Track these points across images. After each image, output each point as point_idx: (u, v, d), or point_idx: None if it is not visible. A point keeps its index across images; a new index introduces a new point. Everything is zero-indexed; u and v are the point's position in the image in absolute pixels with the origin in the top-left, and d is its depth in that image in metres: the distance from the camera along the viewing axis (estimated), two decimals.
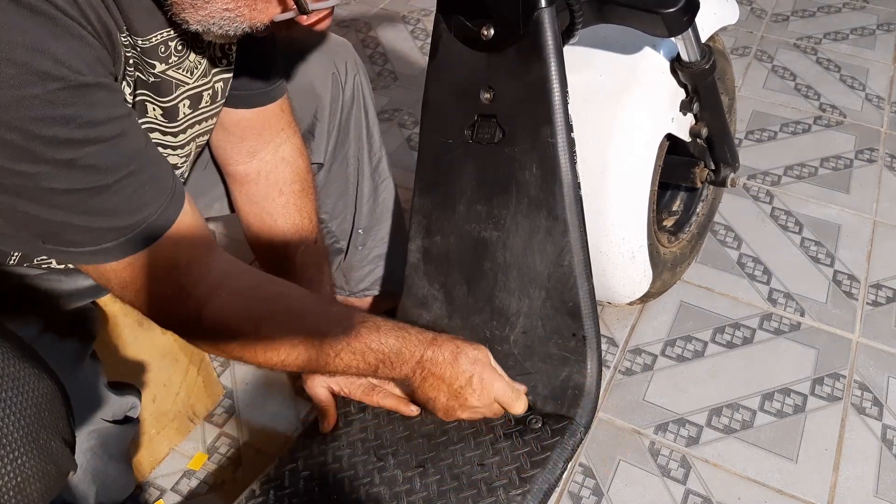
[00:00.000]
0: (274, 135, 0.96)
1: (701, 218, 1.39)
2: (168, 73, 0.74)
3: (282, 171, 0.97)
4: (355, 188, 1.13)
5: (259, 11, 0.66)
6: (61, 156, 0.60)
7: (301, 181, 0.99)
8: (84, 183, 0.63)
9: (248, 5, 0.65)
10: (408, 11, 2.25)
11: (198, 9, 0.65)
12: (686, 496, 1.10)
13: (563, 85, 0.88)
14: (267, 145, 0.96)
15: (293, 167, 0.98)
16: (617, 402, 1.22)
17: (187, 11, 0.66)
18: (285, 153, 0.98)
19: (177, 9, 0.66)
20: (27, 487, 0.54)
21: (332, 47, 1.05)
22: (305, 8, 0.64)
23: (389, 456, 0.93)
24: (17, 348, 0.57)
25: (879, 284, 1.42)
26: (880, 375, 1.26)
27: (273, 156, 0.97)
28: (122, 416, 0.93)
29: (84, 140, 0.61)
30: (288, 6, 0.66)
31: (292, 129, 0.98)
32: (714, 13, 1.16)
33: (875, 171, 1.67)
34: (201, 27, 0.67)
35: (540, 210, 0.92)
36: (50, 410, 0.57)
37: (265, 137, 0.95)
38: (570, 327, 0.95)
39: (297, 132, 0.99)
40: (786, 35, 2.12)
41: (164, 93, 0.75)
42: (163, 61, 0.73)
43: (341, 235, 1.17)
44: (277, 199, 0.98)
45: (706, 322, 1.35)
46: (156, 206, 0.68)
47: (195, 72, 0.77)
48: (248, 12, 0.66)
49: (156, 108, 0.75)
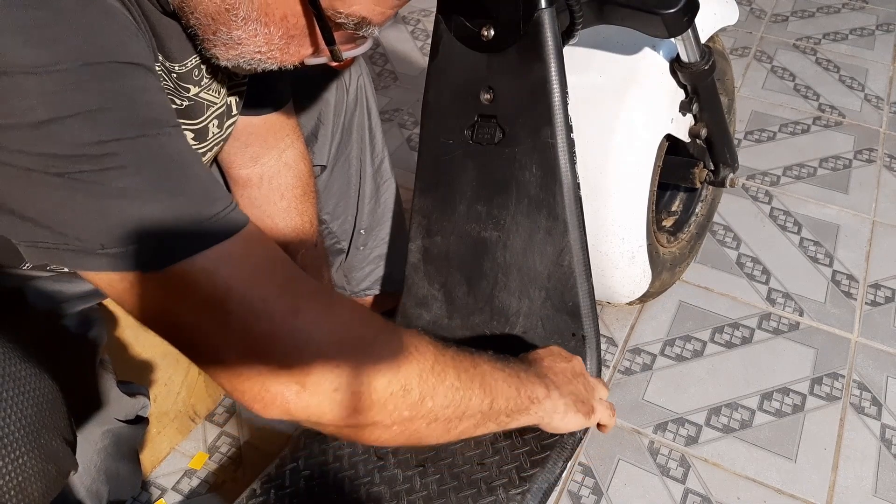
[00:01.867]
0: (278, 140, 0.96)
1: (700, 218, 1.39)
2: (200, 96, 0.74)
3: (284, 176, 0.98)
4: (357, 189, 1.13)
5: (291, 55, 0.66)
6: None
7: (303, 186, 0.99)
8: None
9: (281, 49, 0.64)
10: (408, 11, 2.25)
11: (229, 48, 0.64)
12: (685, 495, 1.11)
13: (563, 85, 0.88)
14: (270, 151, 0.96)
15: (295, 172, 0.98)
16: (616, 402, 1.23)
17: (218, 49, 0.65)
18: (288, 158, 0.98)
19: (208, 44, 0.65)
20: (28, 487, 0.54)
21: None
22: (340, 57, 0.64)
23: (389, 455, 0.93)
24: (17, 348, 0.57)
25: (878, 284, 1.42)
26: (879, 375, 1.26)
27: (276, 161, 0.97)
28: (134, 415, 0.93)
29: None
30: (320, 50, 0.65)
31: (296, 134, 0.99)
32: (714, 14, 1.16)
33: (874, 172, 1.67)
34: (230, 64, 0.67)
35: (540, 210, 0.92)
36: (51, 410, 0.57)
37: (269, 143, 0.96)
38: (569, 327, 0.95)
39: (300, 137, 1.00)
40: (785, 35, 2.12)
41: (196, 115, 0.75)
42: (196, 84, 0.73)
43: (342, 236, 1.17)
44: (279, 204, 0.98)
45: (705, 322, 1.36)
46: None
47: (221, 92, 0.77)
48: (279, 55, 0.65)
49: (188, 131, 0.75)
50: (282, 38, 0.63)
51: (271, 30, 0.62)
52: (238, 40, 0.63)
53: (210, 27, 0.63)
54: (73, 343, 0.84)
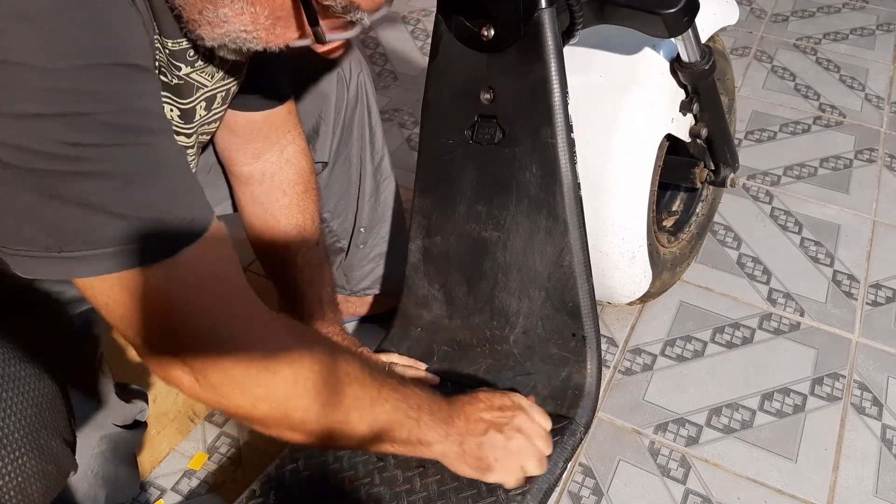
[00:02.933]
0: (279, 137, 0.96)
1: (701, 218, 1.39)
2: (192, 77, 0.74)
3: (286, 172, 0.98)
4: (357, 187, 1.13)
5: (276, 36, 0.66)
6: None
7: (304, 182, 0.99)
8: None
9: (267, 29, 0.65)
10: (408, 11, 2.25)
11: (215, 27, 0.65)
12: (686, 496, 1.10)
13: (564, 85, 0.88)
14: (272, 147, 0.96)
15: (297, 168, 0.98)
16: (617, 402, 1.23)
17: (204, 28, 0.66)
18: (290, 155, 0.98)
19: (192, 25, 0.66)
20: (28, 487, 0.54)
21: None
22: (322, 38, 0.64)
23: (389, 456, 0.93)
24: (18, 349, 0.57)
25: (879, 284, 1.42)
26: (880, 375, 1.26)
27: (278, 157, 0.97)
28: (132, 420, 0.93)
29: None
30: (306, 33, 0.66)
31: (297, 130, 0.99)
32: (714, 14, 1.16)
33: (874, 171, 1.67)
34: (216, 43, 0.67)
35: (540, 210, 0.92)
36: (51, 411, 0.57)
37: (271, 139, 0.95)
38: (569, 327, 0.95)
39: (301, 133, 1.00)
40: (785, 35, 2.12)
41: (185, 95, 0.75)
42: (189, 65, 0.73)
43: (342, 234, 1.17)
44: (281, 200, 0.98)
45: (706, 322, 1.35)
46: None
47: (215, 76, 0.77)
48: (265, 35, 0.66)
49: (174, 108, 0.75)
50: (268, 18, 0.64)
51: (257, 9, 0.63)
52: (224, 18, 0.63)
53: (196, 6, 0.64)
54: (73, 344, 0.84)
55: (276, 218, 0.98)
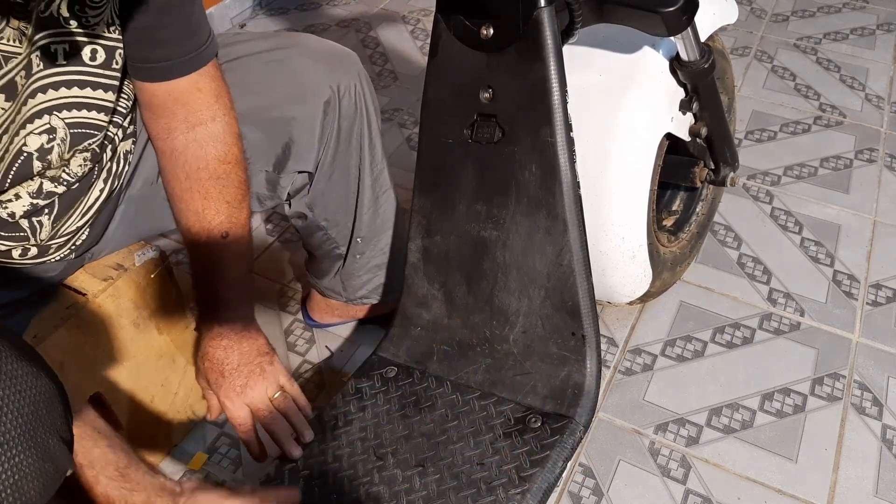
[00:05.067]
0: (188, 114, 0.89)
1: (701, 217, 1.39)
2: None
3: (191, 152, 0.90)
4: (355, 197, 1.12)
5: None
6: None
7: (212, 168, 0.92)
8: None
9: None
10: (408, 11, 2.25)
11: None
12: (686, 496, 1.10)
13: (563, 84, 0.88)
14: (180, 125, 0.90)
15: (205, 152, 0.91)
16: (617, 402, 1.22)
17: None
18: (200, 135, 0.90)
19: None
20: (25, 486, 0.54)
21: (335, 57, 1.03)
22: None
23: (389, 455, 0.93)
24: (13, 346, 0.57)
25: (879, 284, 1.42)
26: (880, 375, 1.26)
27: (184, 136, 0.90)
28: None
29: None
30: None
31: (214, 108, 0.91)
32: (713, 13, 1.16)
33: (875, 171, 1.67)
34: None
35: (539, 209, 0.92)
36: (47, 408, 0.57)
37: (178, 116, 0.89)
38: (569, 326, 0.95)
39: (223, 111, 0.92)
40: (786, 35, 2.12)
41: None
42: None
43: (341, 241, 1.17)
44: (183, 183, 0.92)
45: (706, 322, 1.35)
46: None
47: (22, 40, 0.71)
48: None
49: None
50: None
51: None
52: None
53: None
54: None
55: (175, 199, 0.93)
